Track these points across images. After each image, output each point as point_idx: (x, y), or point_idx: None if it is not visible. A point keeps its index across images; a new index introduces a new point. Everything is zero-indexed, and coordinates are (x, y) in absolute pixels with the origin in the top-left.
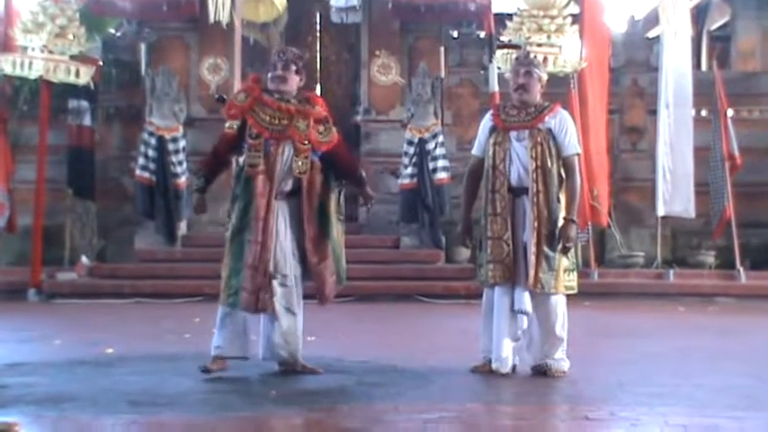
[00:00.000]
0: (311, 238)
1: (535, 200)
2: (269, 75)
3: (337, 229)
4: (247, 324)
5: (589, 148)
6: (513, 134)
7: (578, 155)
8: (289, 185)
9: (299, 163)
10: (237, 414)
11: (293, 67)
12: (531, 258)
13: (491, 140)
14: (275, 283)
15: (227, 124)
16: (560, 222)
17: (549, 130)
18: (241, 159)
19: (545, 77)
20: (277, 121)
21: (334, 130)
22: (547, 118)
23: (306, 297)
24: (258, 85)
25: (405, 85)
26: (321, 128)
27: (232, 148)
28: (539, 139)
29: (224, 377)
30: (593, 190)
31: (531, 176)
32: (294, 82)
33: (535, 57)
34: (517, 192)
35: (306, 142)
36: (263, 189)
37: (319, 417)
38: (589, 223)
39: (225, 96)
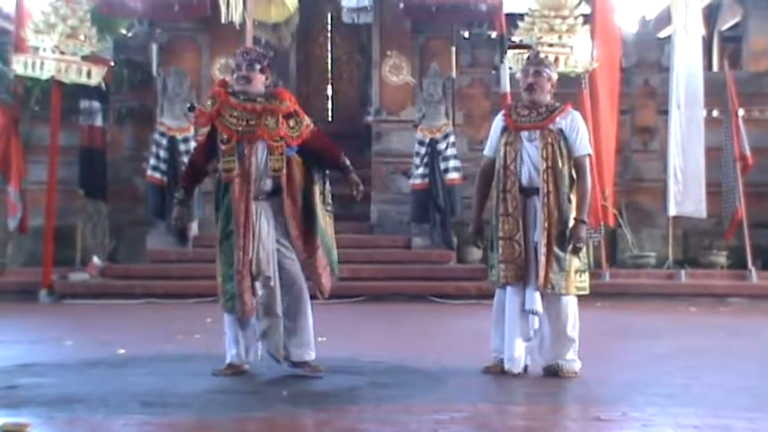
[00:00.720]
0: (298, 234)
1: (546, 200)
2: (234, 76)
3: (325, 221)
4: (250, 327)
5: (600, 148)
6: (524, 134)
7: (589, 156)
8: (268, 185)
9: (274, 161)
10: (249, 414)
11: (257, 66)
12: (542, 259)
13: (502, 140)
14: (257, 284)
15: (198, 134)
16: (571, 223)
17: (561, 131)
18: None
19: (555, 77)
20: (245, 123)
21: (306, 122)
22: (558, 118)
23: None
24: (224, 88)
25: (416, 85)
26: (291, 122)
27: (208, 156)
28: (550, 140)
29: (235, 378)
30: (604, 190)
31: (541, 177)
32: (259, 81)
33: (546, 56)
34: (528, 192)
35: (277, 139)
36: (241, 193)
37: (330, 417)
38: (602, 223)
39: (195, 104)
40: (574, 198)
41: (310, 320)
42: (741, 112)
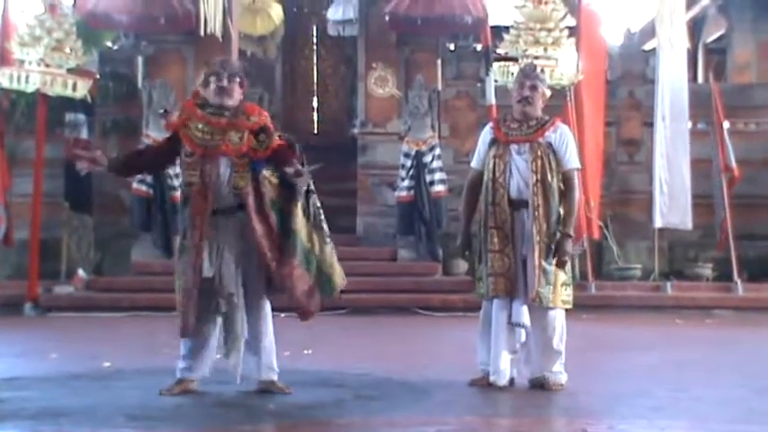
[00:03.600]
0: (269, 252)
1: (535, 213)
2: (211, 86)
3: (314, 240)
4: (207, 342)
5: (585, 160)
6: (513, 147)
7: (578, 169)
8: (232, 200)
9: (237, 178)
10: (235, 427)
11: (237, 79)
12: (534, 272)
13: (491, 153)
14: (221, 301)
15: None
16: (556, 236)
17: (550, 144)
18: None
19: (548, 93)
20: (210, 137)
21: (275, 137)
22: (547, 132)
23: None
24: (195, 99)
25: (401, 97)
26: (261, 137)
27: (150, 162)
28: (539, 153)
29: (222, 391)
30: (589, 202)
31: (531, 190)
32: (238, 95)
33: (542, 70)
34: (516, 205)
35: (240, 156)
36: (197, 209)
37: (316, 430)
38: (584, 235)
39: (167, 109)
40: (562, 212)
41: (272, 340)
42: (726, 124)
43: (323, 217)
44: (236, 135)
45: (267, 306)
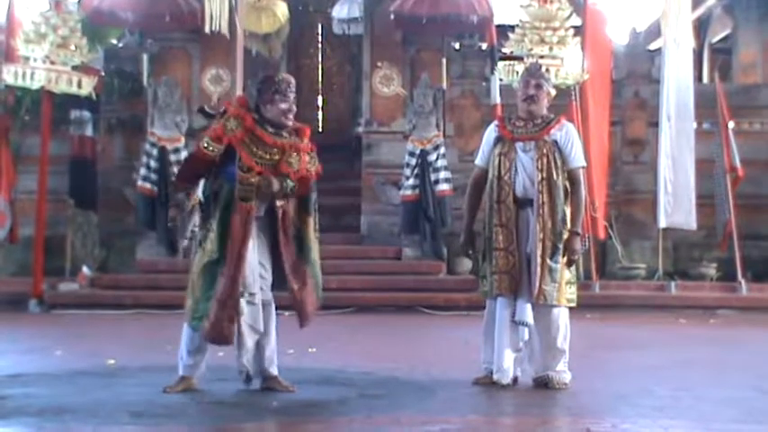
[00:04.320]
0: (290, 265)
1: (540, 211)
2: (280, 106)
3: (315, 250)
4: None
5: (590, 160)
6: (519, 145)
7: (583, 168)
8: (262, 211)
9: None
10: (239, 425)
11: (294, 98)
12: (537, 270)
13: (496, 151)
14: (243, 301)
15: (204, 142)
16: (564, 235)
17: (555, 143)
18: (224, 184)
19: (553, 92)
20: (268, 156)
21: (317, 160)
22: (553, 130)
23: (276, 308)
24: (248, 111)
25: (406, 96)
26: (308, 158)
27: (208, 172)
28: (545, 151)
29: (225, 388)
30: (594, 201)
31: (536, 188)
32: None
33: (547, 69)
34: (522, 203)
35: (291, 179)
36: (242, 223)
37: (320, 429)
38: (588, 234)
39: (209, 110)
40: (567, 210)
41: (275, 338)
42: (731, 124)
43: (318, 227)
44: (296, 157)
45: (273, 304)
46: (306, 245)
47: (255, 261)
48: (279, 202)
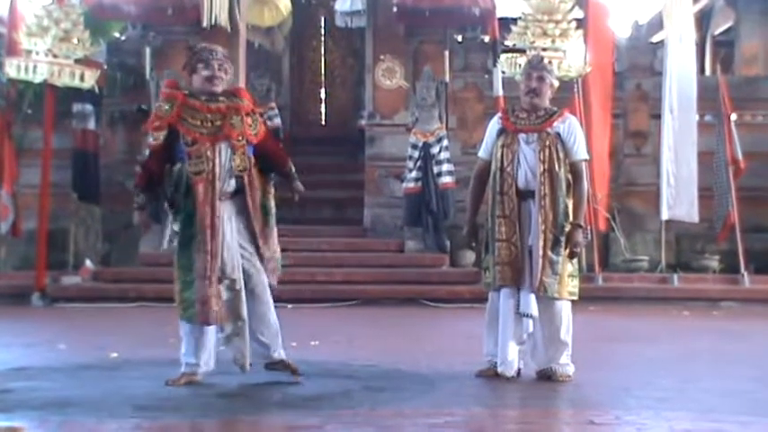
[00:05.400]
0: (260, 233)
1: (542, 203)
2: (203, 74)
3: (273, 221)
4: (210, 335)
5: (593, 152)
6: (522, 137)
7: (586, 161)
8: (231, 186)
9: (238, 161)
10: (242, 418)
11: (225, 67)
12: (538, 262)
13: (499, 143)
14: (222, 287)
15: (151, 138)
16: (567, 227)
17: (558, 135)
18: (174, 167)
19: (556, 84)
20: (210, 124)
21: (260, 121)
22: (556, 123)
23: (279, 301)
24: (179, 89)
25: (409, 89)
26: (249, 120)
27: (164, 161)
28: (547, 143)
29: (227, 381)
30: (596, 194)
31: (538, 180)
32: (224, 82)
33: (550, 62)
34: (524, 195)
35: (240, 138)
36: (205, 195)
37: (324, 421)
38: (590, 226)
39: (144, 107)
40: (570, 202)
41: (276, 321)
42: (733, 116)
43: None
44: (237, 118)
45: (268, 289)
46: (269, 212)
47: (234, 245)
48: (238, 169)
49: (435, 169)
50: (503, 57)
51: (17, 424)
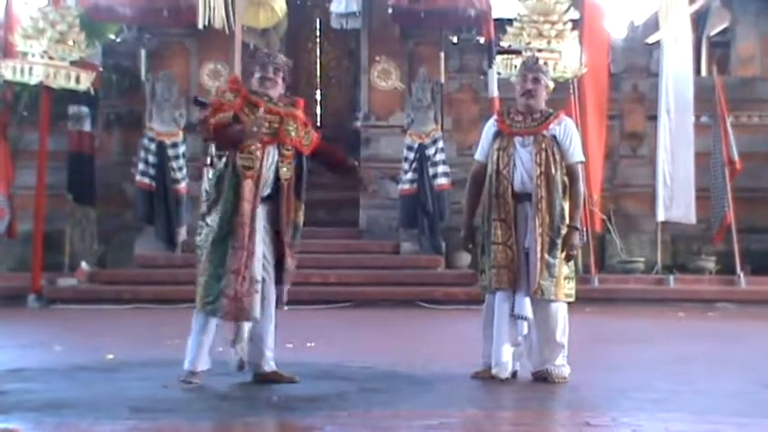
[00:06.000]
0: (288, 243)
1: (539, 206)
2: (257, 75)
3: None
4: (211, 334)
5: (588, 153)
6: (517, 140)
7: (582, 163)
8: (268, 190)
9: (284, 169)
10: (239, 420)
11: (281, 74)
12: (536, 265)
13: (495, 145)
14: None
15: (212, 121)
16: (563, 230)
17: (554, 137)
18: (220, 161)
19: (552, 85)
20: (267, 125)
21: (313, 132)
22: (552, 125)
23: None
24: (238, 84)
25: (405, 90)
26: (302, 132)
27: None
28: (543, 146)
29: (224, 382)
30: (592, 195)
31: (534, 182)
32: (280, 88)
33: (545, 63)
34: (520, 197)
35: (290, 147)
36: (250, 194)
37: (320, 423)
38: (586, 228)
39: (203, 100)
40: (566, 205)
41: (273, 332)
42: (730, 117)
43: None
44: (293, 126)
45: (273, 297)
46: (297, 229)
47: (260, 251)
48: (284, 177)
49: (431, 171)
50: (498, 58)
51: (13, 426)
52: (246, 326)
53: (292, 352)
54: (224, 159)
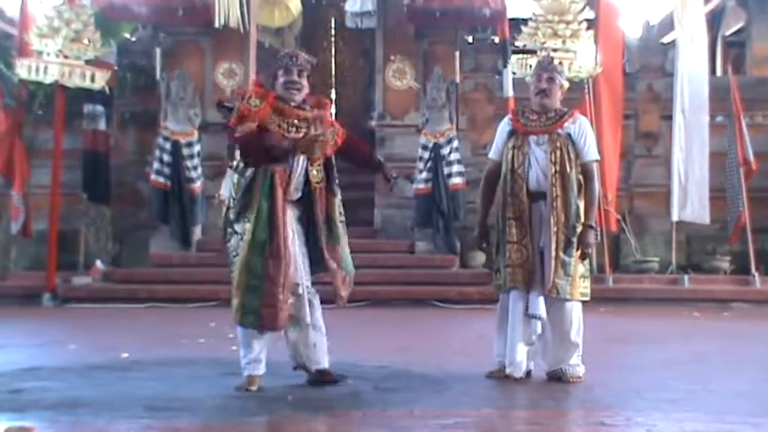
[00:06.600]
0: (325, 244)
1: (554, 204)
2: (281, 80)
3: (342, 231)
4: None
5: (603, 153)
6: (532, 138)
7: (597, 161)
8: (298, 193)
9: (315, 172)
10: (254, 419)
11: (305, 74)
12: (551, 264)
13: (510, 144)
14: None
15: (240, 129)
16: (578, 228)
17: (569, 136)
18: (247, 167)
19: (566, 84)
20: (295, 129)
21: (339, 129)
22: (567, 123)
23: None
24: (266, 90)
25: (419, 89)
26: (329, 134)
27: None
28: (558, 144)
29: (239, 382)
30: (606, 195)
31: (549, 181)
32: (305, 90)
33: (560, 63)
34: (535, 196)
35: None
36: (283, 201)
37: (335, 422)
38: (600, 227)
39: (227, 104)
40: (581, 203)
41: (324, 329)
42: (745, 117)
43: (342, 210)
44: (321, 128)
45: (317, 295)
46: (334, 225)
47: (297, 251)
48: (315, 180)
49: (446, 170)
50: (513, 58)
51: (28, 424)
52: (296, 330)
53: None
54: (250, 168)
